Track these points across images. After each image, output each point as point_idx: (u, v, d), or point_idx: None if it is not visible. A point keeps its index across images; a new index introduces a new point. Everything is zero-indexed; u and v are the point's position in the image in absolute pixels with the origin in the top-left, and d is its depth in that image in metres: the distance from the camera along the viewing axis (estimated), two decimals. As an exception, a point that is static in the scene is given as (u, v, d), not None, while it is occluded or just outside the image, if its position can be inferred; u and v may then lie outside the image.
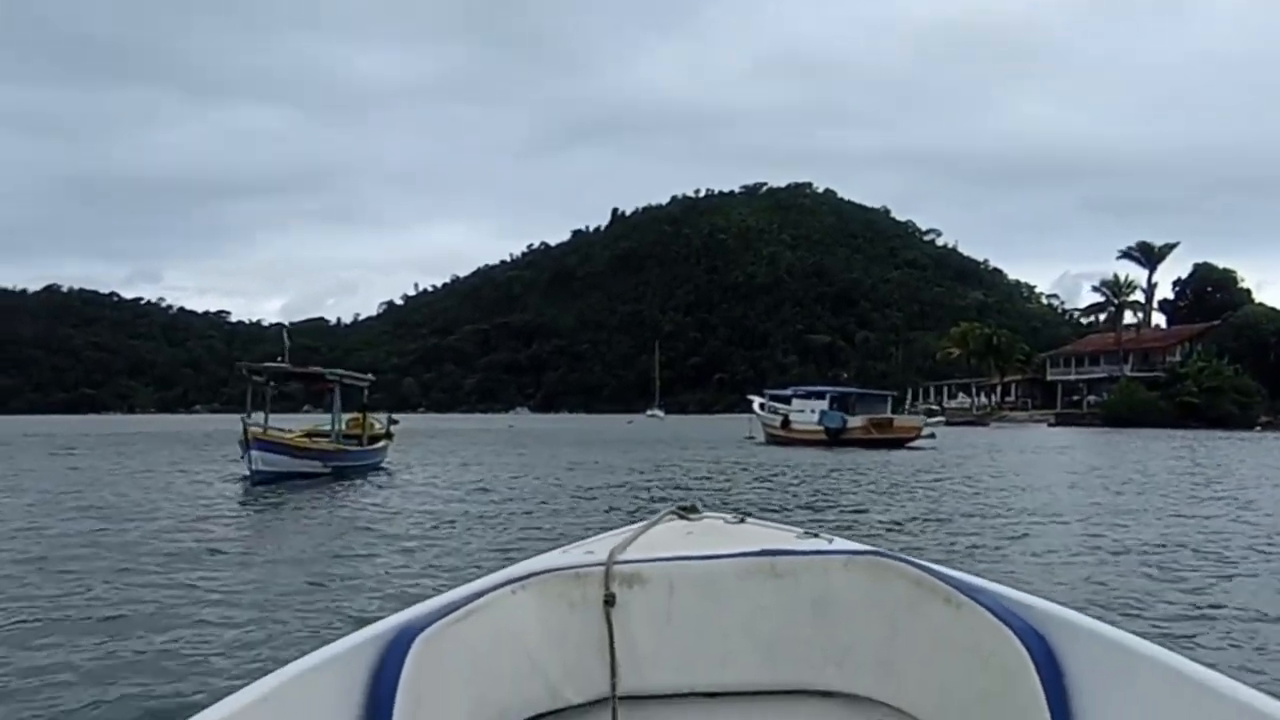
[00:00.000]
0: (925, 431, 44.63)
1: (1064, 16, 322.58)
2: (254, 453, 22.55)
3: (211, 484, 22.36)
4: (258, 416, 24.79)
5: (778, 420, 47.57)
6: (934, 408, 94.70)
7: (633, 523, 2.81)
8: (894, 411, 49.26)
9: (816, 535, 2.60)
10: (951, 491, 20.38)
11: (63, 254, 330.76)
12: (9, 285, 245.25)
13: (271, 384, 27.98)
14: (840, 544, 2.50)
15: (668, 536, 2.63)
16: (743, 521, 2.78)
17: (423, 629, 2.01)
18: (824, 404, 46.70)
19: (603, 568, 2.37)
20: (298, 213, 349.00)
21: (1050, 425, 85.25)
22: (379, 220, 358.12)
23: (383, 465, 28.31)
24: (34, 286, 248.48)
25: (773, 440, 46.66)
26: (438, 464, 31.26)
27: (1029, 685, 1.87)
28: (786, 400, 49.45)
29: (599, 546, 2.52)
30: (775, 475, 25.13)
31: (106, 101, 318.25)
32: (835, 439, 44.03)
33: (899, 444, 42.44)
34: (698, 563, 2.39)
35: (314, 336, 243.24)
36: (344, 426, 29.13)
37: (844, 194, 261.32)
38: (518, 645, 2.25)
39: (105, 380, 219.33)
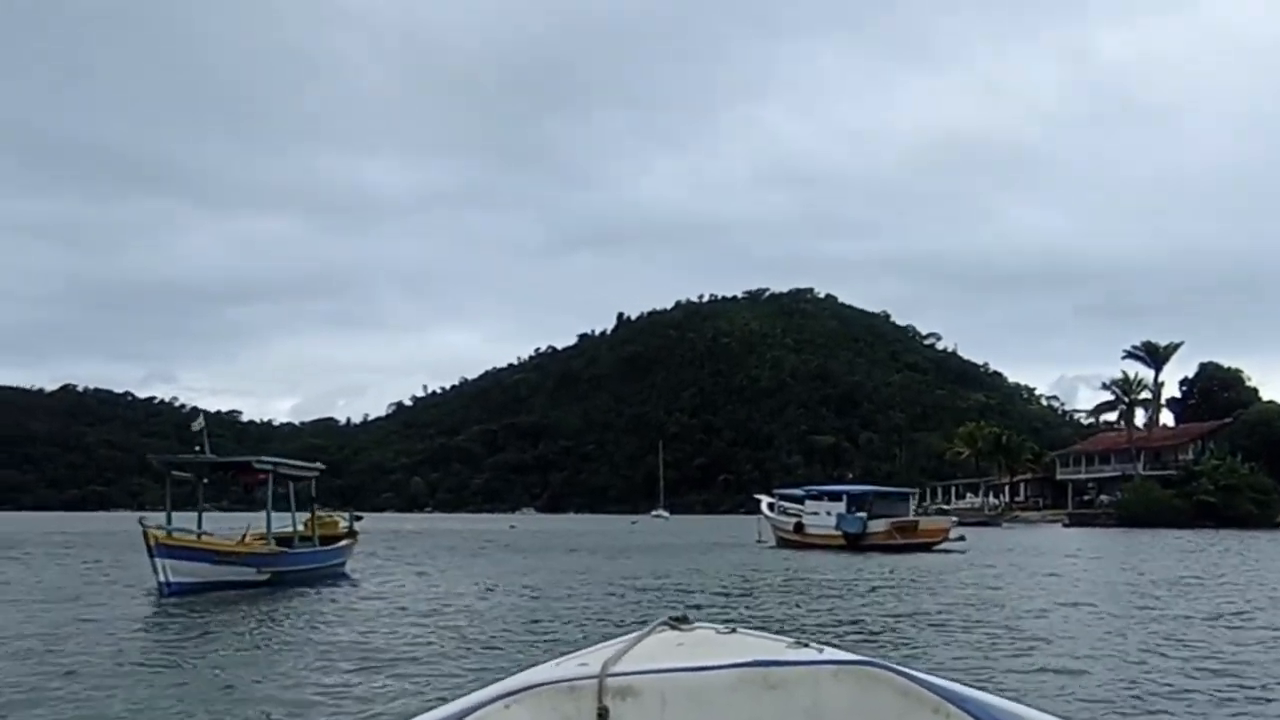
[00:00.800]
0: (954, 534, 40.61)
1: (1051, 129, 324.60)
2: (160, 561, 18.51)
3: (124, 596, 18.32)
4: (182, 519, 20.76)
5: (790, 523, 43.57)
6: (944, 508, 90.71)
7: (625, 633, 2.78)
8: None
9: (807, 645, 2.56)
10: (1023, 612, 16.31)
11: (79, 355, 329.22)
12: (26, 385, 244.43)
13: (204, 480, 23.93)
14: (831, 654, 2.47)
15: (660, 648, 2.59)
16: (734, 631, 2.76)
17: None
18: (840, 506, 42.57)
19: (596, 680, 2.33)
20: (309, 316, 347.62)
21: (1065, 525, 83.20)
22: (388, 323, 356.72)
23: (343, 571, 24.26)
24: (50, 386, 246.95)
25: (785, 544, 42.74)
26: (415, 570, 27.35)
27: None
28: (798, 501, 45.40)
29: (592, 659, 2.47)
30: (805, 589, 21.10)
31: (121, 211, 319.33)
32: (854, 544, 39.93)
33: (925, 548, 38.54)
34: (690, 674, 2.35)
35: (325, 436, 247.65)
36: (302, 527, 25.48)
37: (845, 299, 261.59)
38: None
39: (116, 478, 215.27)
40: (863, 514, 41.47)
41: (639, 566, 28.80)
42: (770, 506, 46.75)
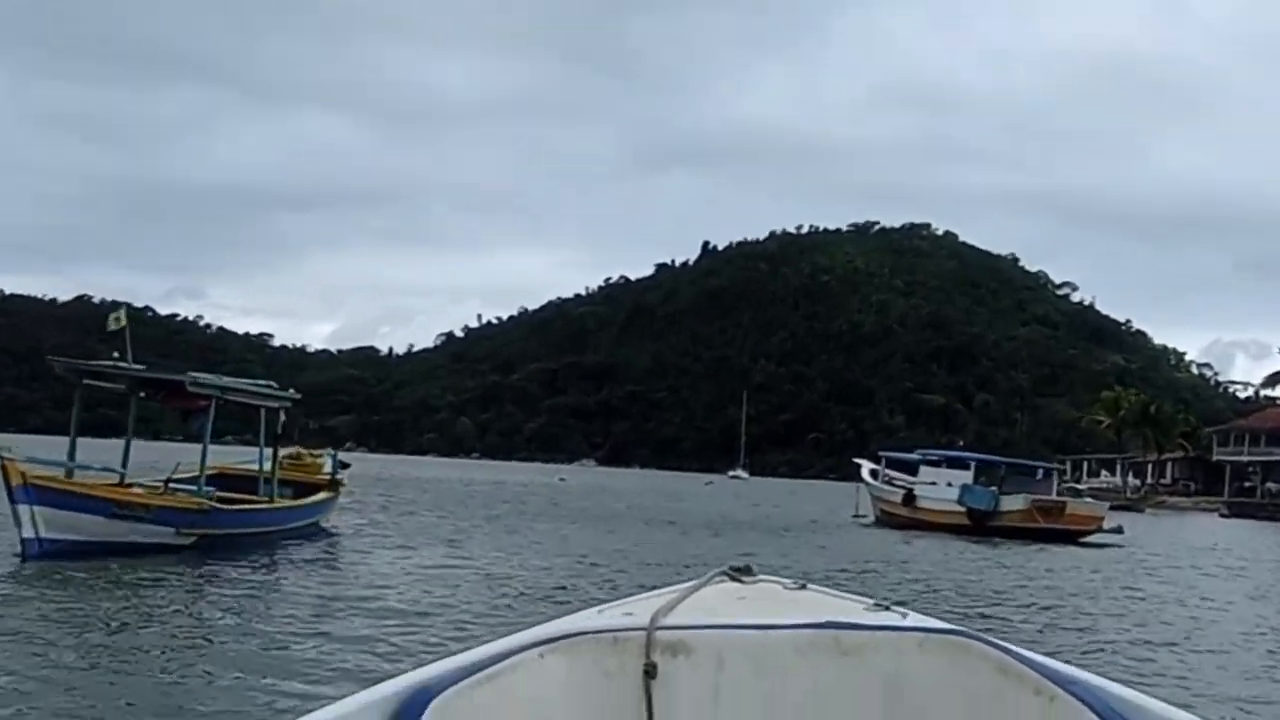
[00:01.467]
0: (1109, 524, 36.80)
1: (1223, 59, 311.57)
2: (25, 508, 15.03)
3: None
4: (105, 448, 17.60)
5: (898, 495, 40.19)
6: (1076, 486, 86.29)
7: (679, 582, 2.79)
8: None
9: (888, 608, 2.56)
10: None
11: (102, 263, 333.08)
12: (39, 294, 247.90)
13: (139, 396, 20.92)
14: (916, 620, 2.46)
15: (718, 600, 2.60)
16: (803, 588, 2.75)
17: (439, 692, 1.97)
18: (966, 476, 38.95)
19: (643, 633, 2.34)
20: (357, 230, 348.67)
21: (1222, 515, 79.52)
22: (444, 242, 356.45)
23: (317, 531, 21.16)
24: (65, 296, 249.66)
25: (889, 521, 39.55)
26: (420, 534, 24.22)
27: None
28: (910, 467, 41.83)
29: (640, 608, 2.47)
30: (927, 588, 17.57)
31: (161, 103, 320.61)
32: (981, 525, 36.36)
33: (1071, 537, 34.96)
34: (752, 632, 2.37)
35: (363, 367, 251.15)
36: (274, 467, 22.51)
37: (966, 238, 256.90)
38: (544, 716, 2.20)
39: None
40: (993, 488, 37.91)
41: (701, 547, 25.37)
42: (873, 473, 43.31)
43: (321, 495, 22.80)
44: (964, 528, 36.51)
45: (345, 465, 25.52)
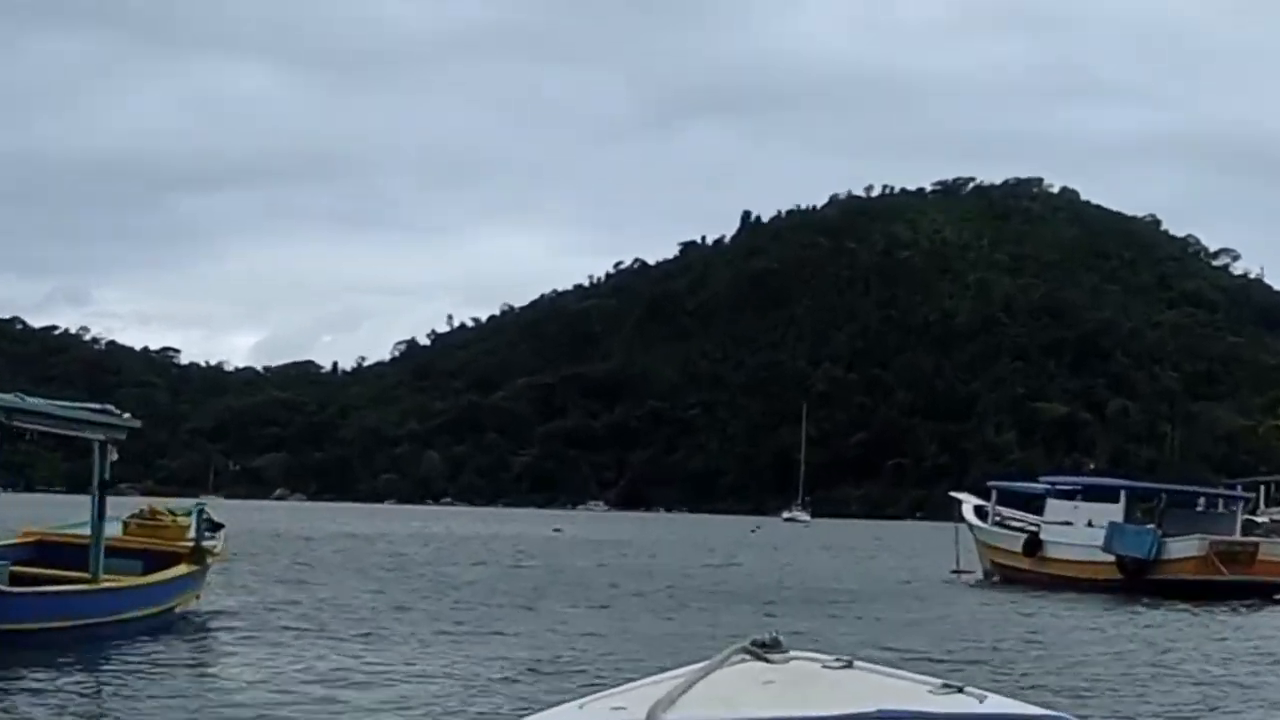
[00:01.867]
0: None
1: None
2: None
3: None
4: None
5: (1017, 541, 38.31)
6: (1254, 519, 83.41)
7: (686, 663, 2.80)
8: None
9: (961, 690, 2.57)
10: None
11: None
12: None
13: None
14: (997, 705, 2.48)
15: (738, 686, 2.60)
16: (849, 666, 2.75)
17: None
18: (1115, 510, 37.05)
19: None
20: (287, 211, 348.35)
21: None
22: (400, 224, 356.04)
23: (170, 620, 20.72)
24: None
25: (1005, 577, 37.70)
26: (327, 624, 22.16)
27: None
28: (1032, 503, 40.07)
29: (635, 700, 2.49)
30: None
31: (26, 53, 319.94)
32: (1137, 579, 34.52)
33: (1264, 592, 33.13)
34: None
35: (299, 388, 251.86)
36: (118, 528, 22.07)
37: (1090, 195, 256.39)
38: None
39: None
40: (1152, 527, 36.03)
41: (740, 629, 22.57)
42: (979, 512, 41.29)
43: (177, 570, 21.09)
44: (1112, 583, 35.25)
45: (217, 526, 23.75)
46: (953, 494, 44.33)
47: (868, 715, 2.31)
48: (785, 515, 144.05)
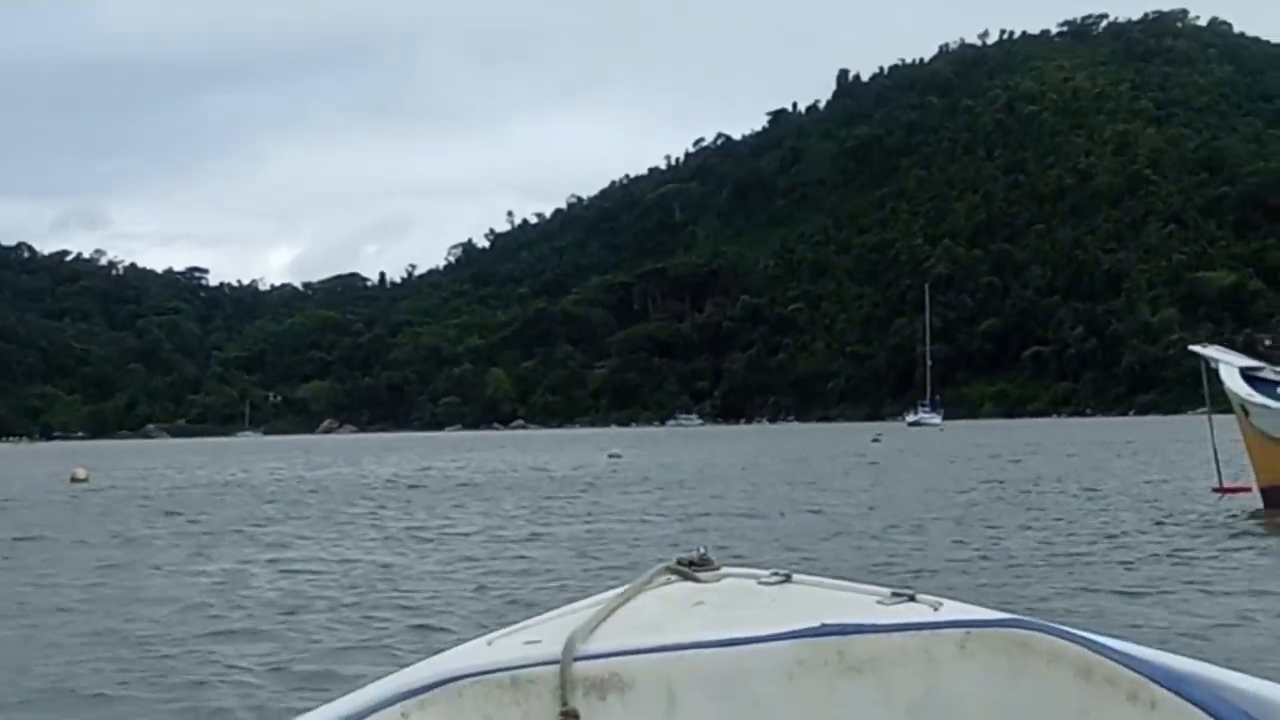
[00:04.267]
0: None
1: None
2: None
3: None
4: None
5: None
6: None
7: (606, 589, 2.86)
8: None
9: (912, 597, 2.60)
10: None
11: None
12: None
13: None
14: (953, 611, 2.50)
15: (664, 610, 2.63)
16: (787, 580, 2.79)
17: None
18: None
19: (555, 668, 2.38)
20: (322, 107, 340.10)
21: None
22: (448, 112, 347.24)
23: None
24: None
25: None
26: None
27: None
28: None
29: (549, 632, 2.52)
30: None
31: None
32: None
33: None
34: (716, 652, 2.39)
35: (345, 305, 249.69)
36: None
37: (1244, 27, 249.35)
38: None
39: (6, 386, 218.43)
40: None
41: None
42: (1250, 378, 28.28)
43: None
44: None
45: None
46: (1197, 348, 30.95)
47: (812, 630, 2.36)
48: (910, 419, 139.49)
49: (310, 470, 57.13)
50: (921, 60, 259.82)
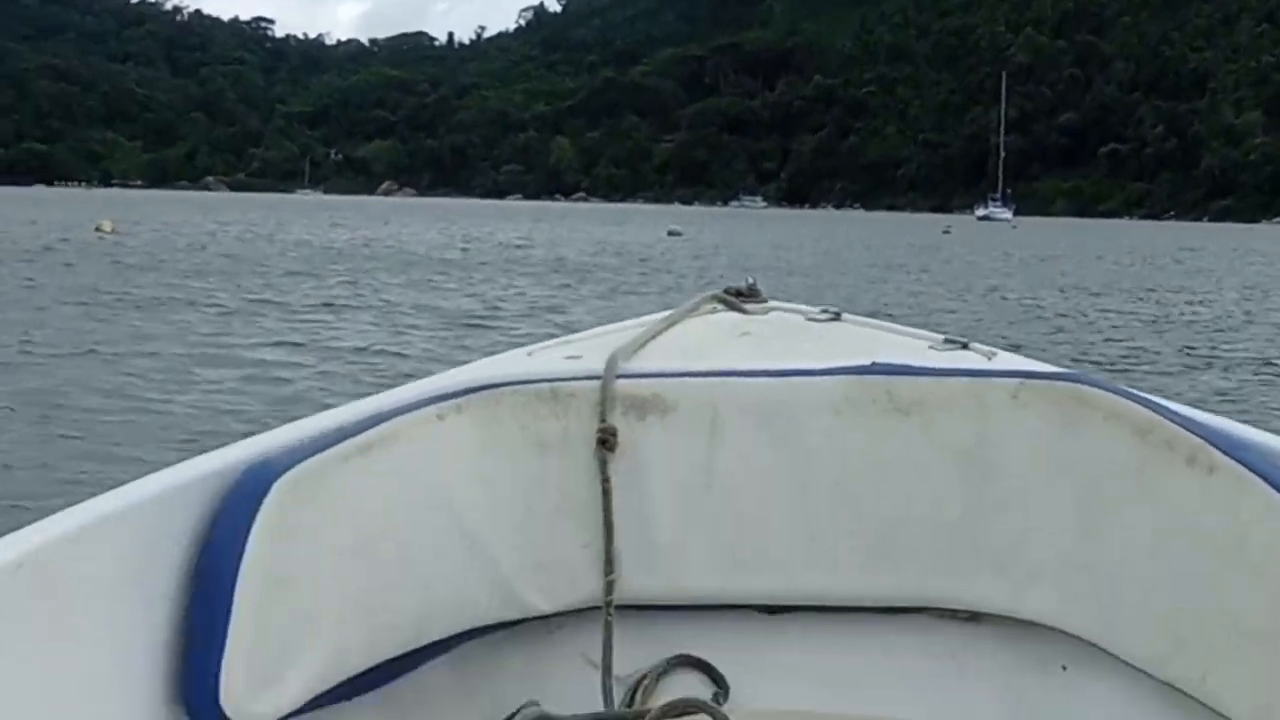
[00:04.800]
0: None
1: None
2: None
3: None
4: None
5: None
6: None
7: (650, 312, 2.81)
8: None
9: (965, 345, 2.59)
10: None
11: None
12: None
13: None
14: (1007, 361, 2.50)
15: (710, 337, 2.61)
16: (837, 317, 2.78)
17: (287, 469, 1.97)
18: None
19: (597, 383, 2.35)
20: None
21: None
22: None
23: None
24: None
25: None
26: None
27: None
28: None
29: (591, 349, 2.49)
30: None
31: None
32: None
33: None
34: (762, 381, 2.36)
35: (411, 65, 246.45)
36: None
37: None
38: (445, 508, 2.23)
39: (66, 129, 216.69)
40: None
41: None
42: None
43: None
44: None
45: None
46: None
47: (861, 368, 2.33)
48: (979, 212, 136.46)
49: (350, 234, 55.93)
50: None
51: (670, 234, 67.25)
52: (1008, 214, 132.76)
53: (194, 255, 34.42)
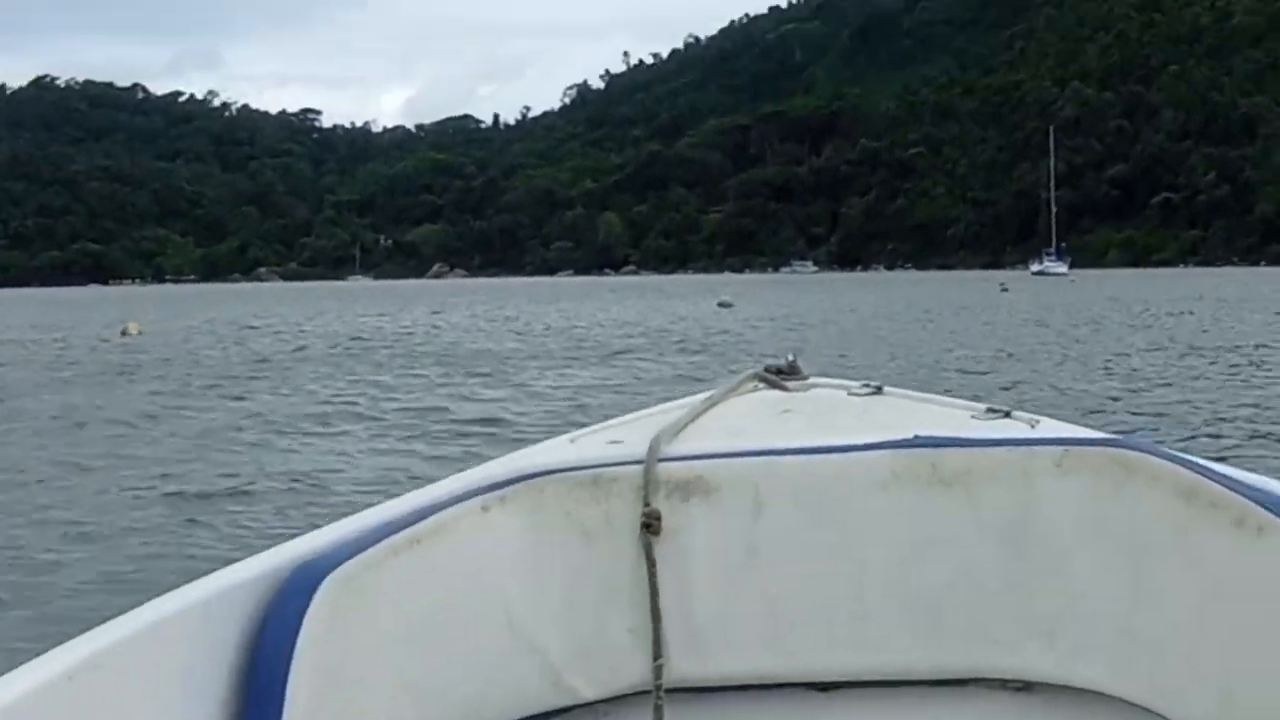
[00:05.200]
0: None
1: None
2: None
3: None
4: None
5: None
6: None
7: (691, 394, 2.86)
8: None
9: (1008, 414, 2.60)
10: None
11: (71, 31, 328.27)
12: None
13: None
14: (1050, 428, 2.51)
15: (752, 416, 2.64)
16: (878, 392, 2.82)
17: (336, 565, 2.00)
18: None
19: (639, 467, 2.37)
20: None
21: None
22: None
23: None
24: (18, 81, 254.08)
25: None
26: None
27: None
28: None
29: (633, 433, 2.51)
30: None
31: None
32: None
33: None
34: (805, 459, 2.39)
35: (458, 148, 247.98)
36: None
37: None
38: (492, 598, 2.27)
39: (119, 229, 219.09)
40: None
41: None
42: None
43: None
44: None
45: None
46: None
47: (904, 442, 2.35)
48: (1034, 268, 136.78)
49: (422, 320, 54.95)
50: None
51: (721, 305, 66.01)
52: (1063, 267, 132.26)
53: (213, 356, 32.50)
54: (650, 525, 2.30)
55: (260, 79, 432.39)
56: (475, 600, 2.20)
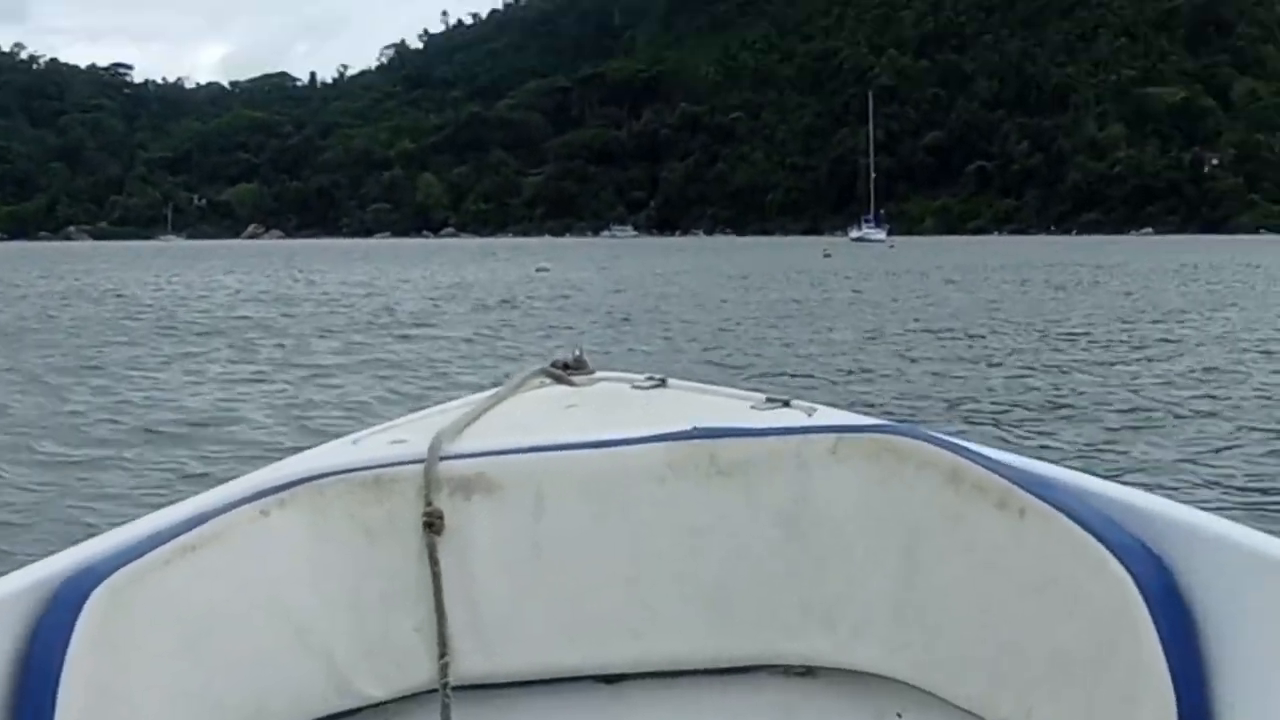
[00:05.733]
0: None
1: None
2: None
3: None
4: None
5: None
6: None
7: (475, 391, 2.85)
8: None
9: (787, 404, 2.63)
10: None
11: None
12: None
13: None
14: (826, 416, 2.54)
15: (536, 412, 2.66)
16: (662, 384, 2.83)
17: (104, 578, 1.95)
18: None
19: (420, 467, 2.36)
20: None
21: None
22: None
23: None
24: None
25: None
26: None
27: (1137, 637, 1.90)
28: None
29: (415, 432, 2.50)
30: None
31: None
32: None
33: None
34: (587, 454, 2.40)
35: (273, 106, 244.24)
36: None
37: None
38: (274, 602, 2.23)
39: None
40: None
41: None
42: None
43: None
44: None
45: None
46: None
47: (684, 434, 2.36)
48: (854, 234, 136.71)
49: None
50: None
51: (539, 270, 65.52)
52: (882, 235, 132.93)
53: None
54: (432, 524, 2.30)
55: (69, 32, 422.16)
56: (256, 605, 2.15)
